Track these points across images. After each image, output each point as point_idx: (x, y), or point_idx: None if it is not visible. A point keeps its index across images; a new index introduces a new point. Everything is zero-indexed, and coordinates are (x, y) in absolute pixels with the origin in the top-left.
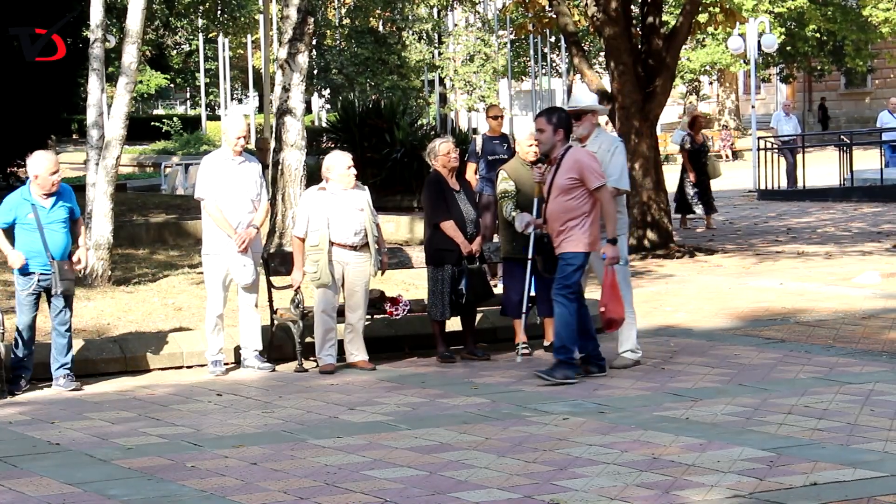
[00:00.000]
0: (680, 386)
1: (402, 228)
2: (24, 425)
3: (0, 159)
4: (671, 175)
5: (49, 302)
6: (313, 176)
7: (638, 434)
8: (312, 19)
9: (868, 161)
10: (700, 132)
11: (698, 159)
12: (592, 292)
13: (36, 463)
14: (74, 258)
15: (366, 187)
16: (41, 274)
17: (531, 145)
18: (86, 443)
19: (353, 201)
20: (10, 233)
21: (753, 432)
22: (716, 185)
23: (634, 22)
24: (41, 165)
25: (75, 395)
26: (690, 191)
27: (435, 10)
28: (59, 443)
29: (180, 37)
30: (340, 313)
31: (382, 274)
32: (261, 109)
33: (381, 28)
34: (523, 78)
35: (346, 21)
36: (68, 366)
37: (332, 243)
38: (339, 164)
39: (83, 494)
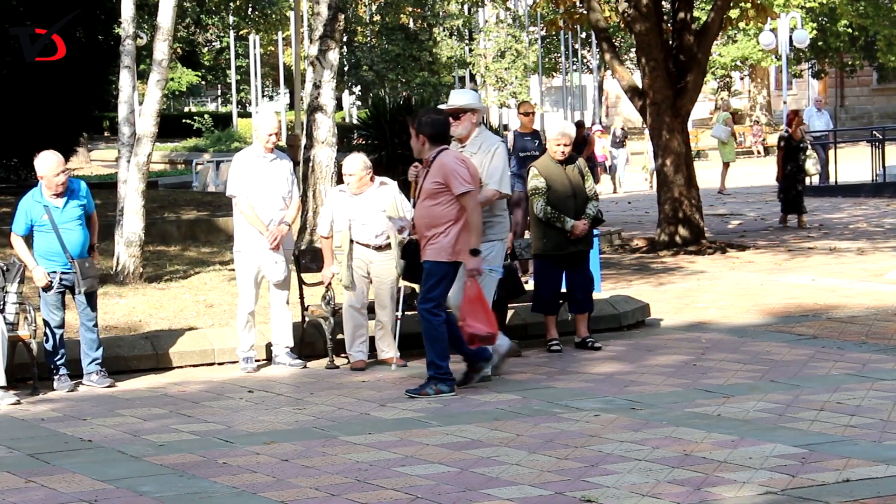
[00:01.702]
0: (711, 382)
1: None
2: (56, 422)
3: (32, 158)
4: (703, 172)
5: (74, 299)
6: None
7: (669, 430)
8: (343, 16)
9: None
10: (798, 128)
11: (796, 156)
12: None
13: (68, 459)
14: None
15: (392, 182)
16: (62, 273)
17: (559, 144)
18: (118, 439)
19: (374, 202)
20: (29, 238)
21: (785, 429)
22: (747, 181)
23: (665, 18)
24: (44, 166)
25: (107, 392)
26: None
27: (465, 6)
28: (91, 439)
29: (211, 34)
30: (372, 310)
31: None
32: (291, 106)
33: (411, 25)
34: (554, 74)
35: (377, 18)
36: (98, 361)
37: (353, 242)
38: (343, 168)
39: (115, 491)
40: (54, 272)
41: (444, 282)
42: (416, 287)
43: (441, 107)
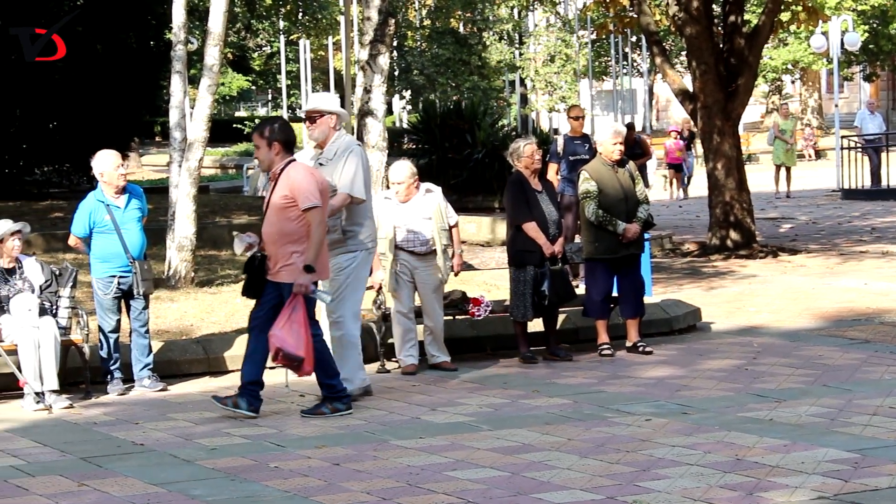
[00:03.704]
0: (763, 387)
1: (484, 229)
2: (108, 426)
3: (85, 162)
4: (754, 175)
5: (128, 304)
6: None
7: (721, 435)
8: (393, 21)
9: None
10: None
11: None
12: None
13: (120, 463)
14: None
15: (437, 188)
16: (121, 276)
17: (616, 143)
18: (170, 443)
19: (420, 210)
20: (86, 242)
21: (838, 433)
22: (799, 184)
23: (716, 21)
24: (105, 162)
25: (159, 396)
26: None
27: (515, 10)
28: (144, 443)
29: (262, 39)
30: (420, 314)
31: (456, 275)
32: None
33: (461, 29)
34: (604, 78)
35: (427, 22)
36: (150, 366)
37: (398, 248)
38: (389, 177)
39: (167, 494)
40: (112, 276)
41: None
42: (458, 293)
43: (311, 108)
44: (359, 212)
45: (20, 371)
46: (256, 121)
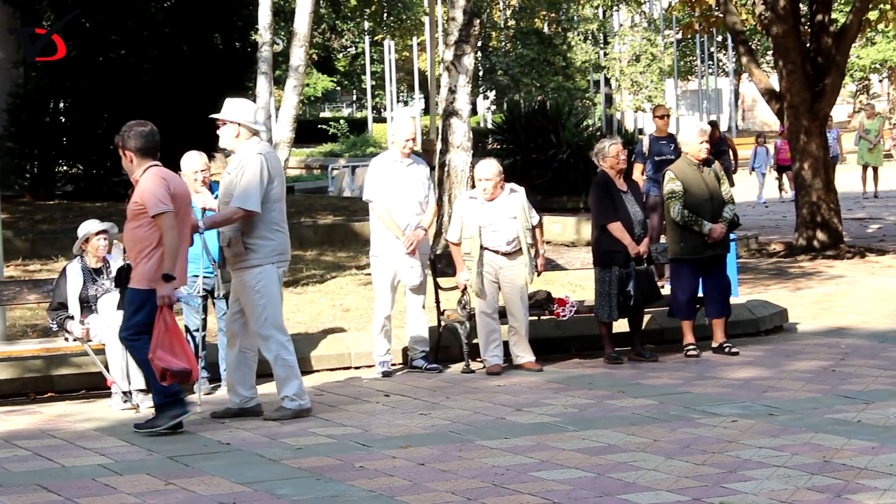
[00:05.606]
0: (851, 388)
1: (569, 229)
2: (195, 425)
3: (170, 163)
4: (841, 175)
5: (214, 304)
6: None
7: (808, 437)
8: (478, 21)
9: None
10: None
11: None
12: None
13: (207, 462)
14: None
15: (521, 188)
16: (204, 277)
17: (703, 142)
18: (256, 443)
19: (504, 209)
20: None
21: None
22: (887, 185)
23: (803, 20)
24: (184, 164)
25: None
26: None
27: (600, 10)
28: (230, 442)
29: (347, 40)
30: (504, 315)
31: (539, 275)
32: (427, 111)
33: (546, 29)
34: (690, 77)
35: (512, 22)
36: None
37: (483, 248)
38: (476, 174)
39: (253, 493)
40: (195, 276)
41: (143, 309)
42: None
43: (213, 115)
44: (262, 225)
45: (108, 370)
46: (342, 122)
